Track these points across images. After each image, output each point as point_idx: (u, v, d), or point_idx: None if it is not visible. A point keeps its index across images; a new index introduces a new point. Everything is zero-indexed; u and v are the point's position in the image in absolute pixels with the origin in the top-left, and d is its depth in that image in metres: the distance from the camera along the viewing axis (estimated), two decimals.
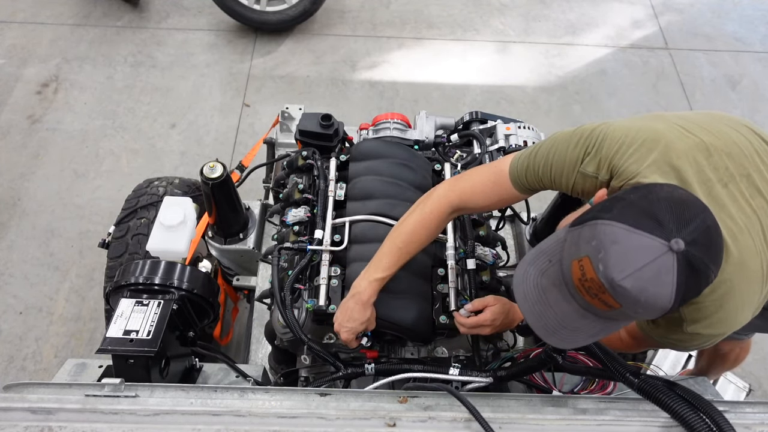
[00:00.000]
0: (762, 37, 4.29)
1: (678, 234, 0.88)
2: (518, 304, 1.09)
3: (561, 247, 1.02)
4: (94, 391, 1.08)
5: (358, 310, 1.40)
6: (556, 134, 1.28)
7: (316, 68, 3.83)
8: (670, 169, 1.10)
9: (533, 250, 1.11)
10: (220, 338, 2.11)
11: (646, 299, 0.89)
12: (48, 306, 2.77)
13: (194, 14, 4.07)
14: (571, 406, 1.13)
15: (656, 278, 0.88)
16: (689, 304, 1.09)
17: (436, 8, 4.27)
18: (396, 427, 1.05)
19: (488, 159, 2.01)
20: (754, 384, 2.51)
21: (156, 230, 1.79)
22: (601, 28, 4.25)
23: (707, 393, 1.33)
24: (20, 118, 3.46)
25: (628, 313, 0.94)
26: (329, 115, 1.98)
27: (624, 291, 0.89)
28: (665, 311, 0.92)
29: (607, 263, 0.90)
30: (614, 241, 0.90)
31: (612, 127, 1.19)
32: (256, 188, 2.82)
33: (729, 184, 1.10)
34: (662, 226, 0.89)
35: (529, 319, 1.08)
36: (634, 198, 0.95)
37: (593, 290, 0.93)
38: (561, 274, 1.00)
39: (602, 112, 3.74)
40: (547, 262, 1.05)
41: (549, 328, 1.05)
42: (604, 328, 1.02)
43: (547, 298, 1.04)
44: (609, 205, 0.96)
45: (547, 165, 1.25)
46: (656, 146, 1.12)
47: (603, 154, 1.17)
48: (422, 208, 1.41)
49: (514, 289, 1.10)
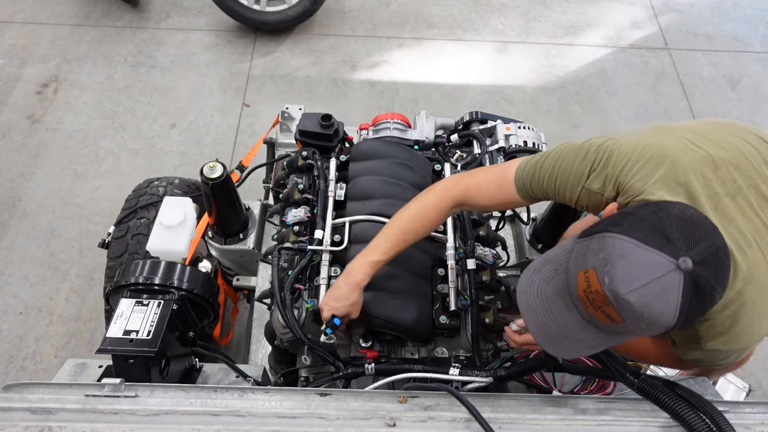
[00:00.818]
0: (762, 37, 4.29)
1: (687, 253, 0.88)
2: (521, 311, 1.09)
3: (568, 257, 1.02)
4: (94, 391, 1.08)
5: (347, 291, 1.40)
6: (564, 146, 1.27)
7: (316, 68, 3.83)
8: (678, 185, 1.09)
9: (539, 258, 1.11)
10: (220, 338, 2.11)
11: (649, 315, 0.89)
12: (48, 306, 2.77)
13: (194, 14, 4.07)
14: (571, 406, 1.13)
15: (661, 295, 0.88)
16: (703, 321, 1.09)
17: (436, 8, 4.27)
18: (396, 427, 1.05)
19: (488, 159, 2.01)
20: (754, 384, 2.51)
21: (156, 230, 1.80)
22: (601, 28, 4.25)
23: (707, 393, 1.33)
24: (20, 118, 3.46)
25: (631, 328, 0.94)
26: (329, 115, 1.98)
27: (628, 305, 0.89)
28: (668, 329, 0.92)
29: (613, 276, 0.90)
30: (622, 255, 0.90)
31: (618, 143, 1.18)
32: (256, 188, 2.82)
33: (737, 196, 1.10)
34: (671, 243, 0.89)
35: (531, 327, 1.08)
36: (644, 214, 0.95)
37: (597, 302, 0.93)
38: (566, 284, 1.00)
39: (602, 112, 3.74)
40: (553, 271, 1.05)
41: (550, 337, 1.05)
42: (606, 341, 1.02)
43: (550, 307, 1.03)
44: (619, 220, 0.96)
45: (552, 177, 1.25)
46: (663, 162, 1.11)
47: (609, 170, 1.17)
48: (425, 198, 1.42)
49: (517, 296, 1.10)
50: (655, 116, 3.74)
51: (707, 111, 3.79)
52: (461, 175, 1.43)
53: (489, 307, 1.61)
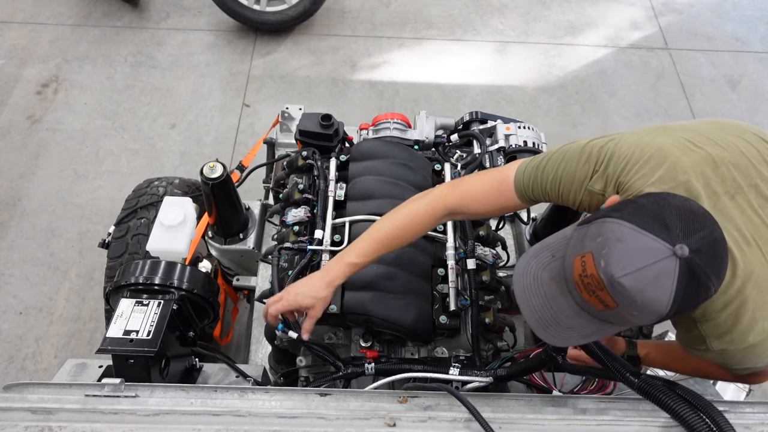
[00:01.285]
0: (762, 37, 4.29)
1: (684, 240, 0.88)
2: (516, 295, 1.10)
3: (566, 243, 1.03)
4: (94, 391, 1.08)
5: (317, 285, 1.36)
6: (565, 148, 1.27)
7: (316, 68, 3.83)
8: (677, 184, 1.09)
9: (538, 244, 1.11)
10: (220, 338, 2.11)
11: (642, 300, 0.90)
12: (48, 306, 2.77)
13: (194, 14, 4.07)
14: (571, 406, 1.13)
15: (656, 281, 0.88)
16: (705, 321, 1.10)
17: (436, 8, 4.27)
18: (396, 427, 1.05)
19: (488, 159, 2.01)
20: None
21: (156, 230, 1.79)
22: (601, 29, 4.25)
23: (707, 393, 1.34)
24: (20, 118, 3.46)
25: (623, 314, 0.94)
26: (329, 115, 1.98)
27: (622, 289, 0.90)
28: (660, 317, 0.92)
29: (609, 259, 0.90)
30: (619, 239, 0.91)
31: (619, 144, 1.18)
32: (256, 188, 2.82)
33: (736, 195, 1.10)
34: (669, 230, 0.89)
35: (524, 310, 1.08)
36: (645, 202, 0.96)
37: (591, 287, 0.94)
38: (562, 269, 1.01)
39: (602, 112, 3.74)
40: (550, 257, 1.05)
41: (543, 322, 1.05)
42: (599, 329, 1.02)
43: (545, 291, 1.04)
44: (619, 206, 0.97)
45: (555, 180, 1.25)
46: (663, 162, 1.12)
47: (610, 171, 1.17)
48: (416, 205, 1.38)
49: (514, 279, 1.10)
50: (655, 116, 3.74)
51: (707, 111, 3.79)
52: (456, 183, 1.40)
53: (489, 307, 1.61)
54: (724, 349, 1.12)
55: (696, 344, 1.16)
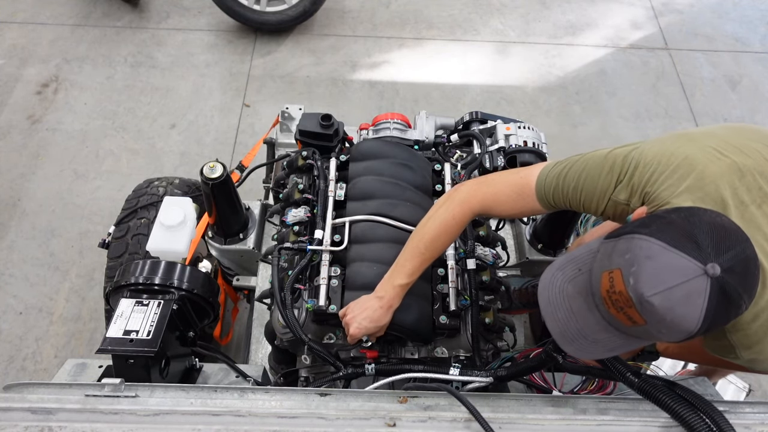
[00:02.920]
0: (762, 37, 4.29)
1: (715, 259, 0.87)
2: (541, 308, 1.08)
3: (593, 257, 1.01)
4: (94, 391, 1.08)
5: (381, 313, 1.40)
6: (587, 156, 1.26)
7: (316, 68, 3.83)
8: (705, 194, 1.08)
9: (563, 256, 1.10)
10: (220, 338, 2.11)
11: (671, 319, 0.88)
12: (48, 306, 2.77)
13: (194, 14, 4.07)
14: (571, 406, 1.13)
15: (686, 300, 0.87)
16: (735, 332, 1.09)
17: (436, 8, 4.27)
18: (396, 427, 1.05)
19: (488, 159, 2.00)
20: (754, 384, 2.51)
21: (156, 230, 1.79)
22: (601, 29, 4.25)
23: (707, 393, 1.33)
24: (20, 118, 3.46)
25: (651, 331, 0.93)
26: (329, 115, 1.98)
27: (651, 308, 0.88)
28: (689, 335, 0.91)
29: (639, 277, 0.89)
30: (649, 257, 0.89)
31: (644, 153, 1.17)
32: (256, 188, 2.82)
33: (763, 204, 1.09)
34: (700, 248, 0.88)
35: (550, 324, 1.07)
36: (675, 218, 0.94)
37: (620, 303, 0.92)
38: (589, 284, 0.99)
39: (602, 112, 3.74)
40: (577, 270, 1.04)
41: (568, 335, 1.04)
42: (624, 344, 1.01)
43: (570, 305, 1.03)
44: (648, 222, 0.95)
45: (577, 189, 1.24)
46: (690, 172, 1.10)
47: (635, 181, 1.16)
48: (444, 212, 1.38)
49: (539, 292, 1.09)
50: (655, 116, 3.74)
51: (707, 111, 3.79)
52: (477, 184, 1.40)
53: (489, 307, 1.61)
54: (753, 358, 1.12)
55: (725, 353, 1.15)
